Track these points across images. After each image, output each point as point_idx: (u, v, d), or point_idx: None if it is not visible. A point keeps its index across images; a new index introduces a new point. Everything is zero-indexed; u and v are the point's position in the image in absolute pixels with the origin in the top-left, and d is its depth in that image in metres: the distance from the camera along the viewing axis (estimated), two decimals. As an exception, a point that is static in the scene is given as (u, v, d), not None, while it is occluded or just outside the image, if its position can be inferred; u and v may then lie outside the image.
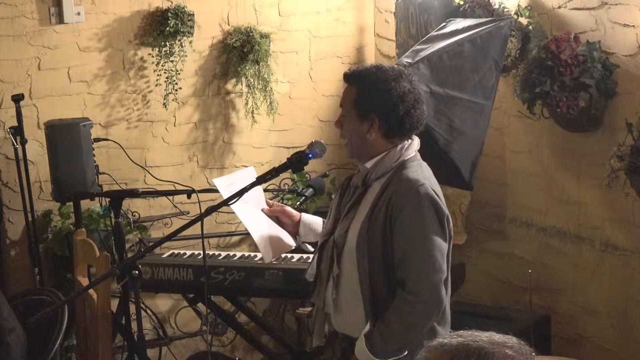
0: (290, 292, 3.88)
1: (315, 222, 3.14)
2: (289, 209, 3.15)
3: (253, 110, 4.88)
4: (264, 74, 4.83)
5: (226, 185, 3.06)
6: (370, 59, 5.27)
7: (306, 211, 4.23)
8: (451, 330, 2.84)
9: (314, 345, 3.08)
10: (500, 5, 4.16)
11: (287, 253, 3.88)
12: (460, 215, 4.65)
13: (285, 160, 2.94)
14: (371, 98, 2.79)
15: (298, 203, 3.32)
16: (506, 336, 1.57)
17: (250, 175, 3.14)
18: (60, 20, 4.53)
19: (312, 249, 3.18)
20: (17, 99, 4.26)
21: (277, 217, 3.13)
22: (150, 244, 4.24)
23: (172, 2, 4.71)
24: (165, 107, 4.75)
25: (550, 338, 4.21)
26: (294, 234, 3.13)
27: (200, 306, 4.56)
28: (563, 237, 4.22)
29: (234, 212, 3.06)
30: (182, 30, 4.64)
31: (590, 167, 3.97)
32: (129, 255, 3.71)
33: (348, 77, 2.88)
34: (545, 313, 4.25)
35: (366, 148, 2.84)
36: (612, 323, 4.02)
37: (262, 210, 3.12)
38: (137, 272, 2.93)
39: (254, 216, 3.09)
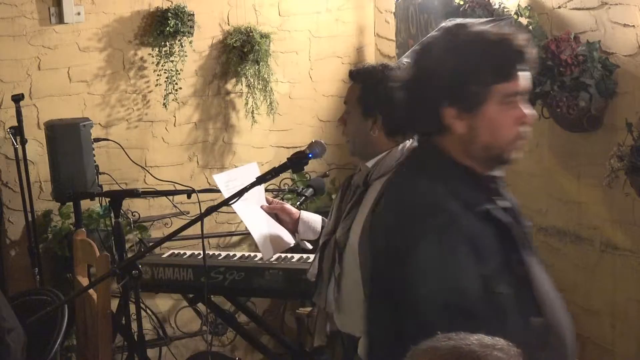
0: (290, 292, 3.88)
1: (315, 220, 3.15)
2: (288, 206, 3.16)
3: (253, 110, 4.88)
4: (264, 74, 4.83)
5: (226, 181, 3.07)
6: (370, 59, 5.27)
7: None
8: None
9: (315, 345, 3.09)
10: (500, 5, 4.16)
11: (287, 252, 3.89)
12: (460, 215, 4.64)
13: (285, 160, 2.94)
14: (375, 96, 2.80)
15: (298, 203, 3.32)
16: (495, 338, 1.56)
17: (253, 170, 3.14)
18: (60, 20, 4.53)
19: (310, 247, 3.19)
20: (17, 99, 4.26)
21: (276, 214, 3.13)
22: (150, 244, 4.24)
23: (172, 2, 4.71)
24: (165, 107, 4.75)
25: (550, 338, 4.21)
26: (293, 232, 3.14)
27: (200, 306, 4.56)
28: (563, 237, 4.22)
29: (234, 212, 3.06)
30: (182, 30, 4.64)
31: (590, 167, 3.97)
32: (129, 255, 3.71)
33: (353, 74, 2.89)
34: (545, 313, 4.25)
35: (368, 146, 2.84)
36: (612, 323, 4.02)
37: (262, 207, 3.12)
38: (137, 272, 2.93)
39: (253, 213, 3.09)
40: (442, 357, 1.51)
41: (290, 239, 3.14)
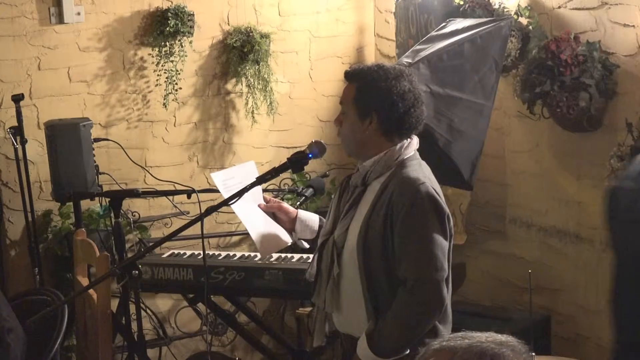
0: (290, 292, 3.88)
1: (312, 219, 3.15)
2: (285, 205, 3.15)
3: (253, 110, 4.88)
4: (264, 74, 4.83)
5: (224, 179, 3.07)
6: (370, 59, 5.27)
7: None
8: (444, 331, 2.85)
9: (314, 345, 3.09)
10: (500, 5, 4.16)
11: (286, 253, 3.89)
12: (460, 215, 4.65)
13: (285, 160, 2.94)
14: (371, 96, 2.80)
15: (298, 203, 3.32)
16: (504, 335, 1.57)
17: (250, 169, 3.14)
18: (60, 20, 4.53)
19: (307, 246, 3.18)
20: (17, 99, 4.26)
21: (273, 213, 3.13)
22: (150, 244, 4.24)
23: (172, 2, 4.71)
24: (165, 107, 4.75)
25: (550, 338, 4.21)
26: (291, 231, 3.13)
27: (200, 306, 4.56)
28: (563, 237, 4.22)
29: (234, 212, 3.06)
30: (182, 30, 4.64)
31: (590, 167, 3.97)
32: (129, 255, 3.71)
33: (349, 74, 2.89)
34: (545, 313, 4.25)
35: (365, 146, 2.84)
36: (612, 323, 4.02)
37: (259, 206, 3.12)
38: (137, 272, 2.93)
39: (250, 212, 3.08)
40: (461, 356, 1.51)
41: (287, 238, 3.14)
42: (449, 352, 1.53)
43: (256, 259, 3.89)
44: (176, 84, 4.70)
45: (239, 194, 2.81)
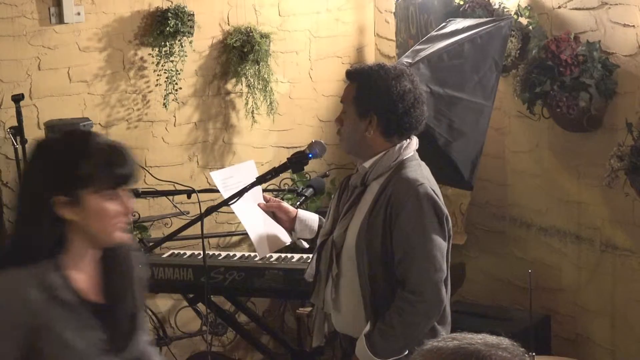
0: (290, 292, 3.88)
1: (312, 218, 3.15)
2: (285, 204, 3.15)
3: (253, 110, 4.88)
4: (264, 74, 4.83)
5: (223, 179, 3.07)
6: (370, 59, 5.27)
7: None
8: (443, 332, 2.85)
9: (314, 345, 3.09)
10: (500, 5, 4.16)
11: (286, 253, 3.89)
12: (460, 215, 4.65)
13: (285, 160, 2.94)
14: (371, 96, 2.80)
15: (298, 203, 3.32)
16: (499, 337, 1.57)
17: (250, 168, 3.14)
18: (60, 20, 4.53)
19: (307, 245, 3.19)
20: (17, 99, 4.25)
21: (273, 212, 3.13)
22: (150, 244, 4.24)
23: (172, 2, 4.71)
24: (165, 107, 4.75)
25: (550, 338, 4.21)
26: (290, 230, 3.14)
27: (200, 306, 4.55)
28: (563, 237, 4.22)
29: (233, 212, 3.06)
30: (182, 30, 4.64)
31: (590, 167, 3.97)
32: (129, 255, 3.70)
33: (350, 74, 2.89)
34: (545, 313, 4.25)
35: (364, 146, 2.84)
36: (612, 323, 4.02)
37: (259, 205, 3.12)
38: (137, 272, 2.93)
39: (249, 211, 3.09)
40: (447, 357, 1.51)
41: (286, 238, 3.14)
42: (437, 353, 1.53)
43: (256, 259, 3.88)
44: (176, 84, 4.70)
45: (239, 193, 2.81)
